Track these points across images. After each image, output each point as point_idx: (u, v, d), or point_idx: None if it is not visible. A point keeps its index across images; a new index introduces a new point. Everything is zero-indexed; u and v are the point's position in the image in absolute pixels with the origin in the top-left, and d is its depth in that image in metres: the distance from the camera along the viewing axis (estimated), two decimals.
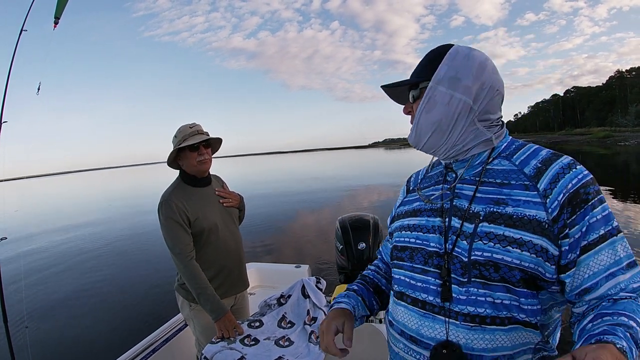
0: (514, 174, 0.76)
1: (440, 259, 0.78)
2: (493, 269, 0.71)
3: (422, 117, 0.81)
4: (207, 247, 1.87)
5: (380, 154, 70.28)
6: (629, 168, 18.54)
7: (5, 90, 2.28)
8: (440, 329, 0.74)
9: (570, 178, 0.71)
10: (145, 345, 1.96)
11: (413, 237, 0.85)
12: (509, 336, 0.70)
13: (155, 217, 1.80)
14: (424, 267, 0.80)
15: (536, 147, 0.80)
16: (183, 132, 1.83)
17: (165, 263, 6.93)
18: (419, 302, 0.79)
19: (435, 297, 0.76)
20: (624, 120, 71.79)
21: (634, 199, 9.68)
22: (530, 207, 0.71)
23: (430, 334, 0.76)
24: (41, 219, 16.30)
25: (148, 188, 30.14)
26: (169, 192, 1.85)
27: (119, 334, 4.19)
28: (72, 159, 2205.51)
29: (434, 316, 0.76)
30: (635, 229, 6.66)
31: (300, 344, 1.65)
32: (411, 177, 1.03)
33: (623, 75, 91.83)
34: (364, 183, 17.93)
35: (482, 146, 0.81)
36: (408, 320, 0.81)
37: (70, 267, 7.45)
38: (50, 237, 11.21)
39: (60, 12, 2.46)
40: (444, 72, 0.79)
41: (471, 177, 0.81)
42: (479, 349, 0.71)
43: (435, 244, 0.80)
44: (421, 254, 0.82)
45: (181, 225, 1.77)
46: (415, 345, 0.78)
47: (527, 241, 0.69)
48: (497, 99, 0.81)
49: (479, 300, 0.71)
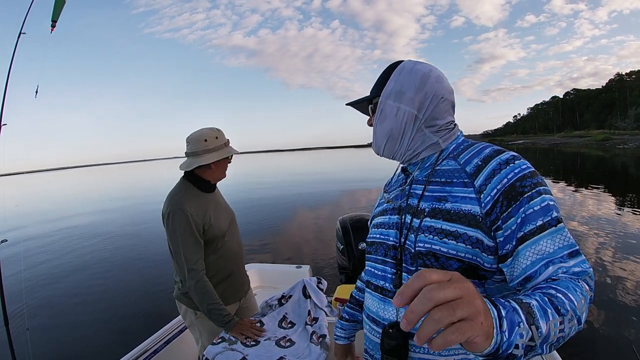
0: (457, 172, 0.83)
1: (395, 251, 0.88)
2: (433, 258, 0.79)
3: (377, 128, 0.94)
4: (215, 254, 1.82)
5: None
6: (627, 171, 18.56)
7: (5, 93, 2.28)
8: (393, 311, 0.86)
9: (507, 173, 0.74)
10: (147, 347, 1.96)
11: (378, 233, 0.96)
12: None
13: (154, 217, 1.79)
14: (384, 258, 0.91)
15: (483, 145, 0.85)
16: (220, 140, 1.79)
17: (167, 263, 6.92)
18: (379, 288, 0.90)
19: (390, 283, 0.87)
20: (623, 123, 71.92)
21: (631, 202, 9.70)
22: (466, 202, 0.77)
23: (385, 316, 0.87)
24: (41, 215, 16.17)
25: (149, 185, 30.07)
26: (181, 198, 1.72)
27: (120, 335, 4.18)
28: (70, 156, 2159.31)
29: (388, 300, 0.87)
30: (633, 233, 6.66)
31: (301, 344, 1.66)
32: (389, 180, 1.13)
33: (623, 78, 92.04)
34: (363, 183, 17.91)
35: (430, 149, 0.90)
36: (371, 304, 0.92)
37: (71, 268, 7.42)
38: (50, 235, 11.17)
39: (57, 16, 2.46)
40: (392, 87, 0.90)
41: (422, 177, 0.89)
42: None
43: (393, 238, 0.90)
44: (382, 247, 0.93)
45: (197, 237, 1.69)
46: (375, 325, 0.90)
47: (462, 233, 0.76)
48: (444, 105, 0.89)
49: None
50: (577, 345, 3.23)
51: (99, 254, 8.28)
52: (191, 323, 1.88)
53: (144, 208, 15.64)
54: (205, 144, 1.75)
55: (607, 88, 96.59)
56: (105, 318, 4.76)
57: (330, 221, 8.64)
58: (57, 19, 2.47)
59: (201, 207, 1.75)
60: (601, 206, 9.11)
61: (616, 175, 16.76)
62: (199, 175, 1.80)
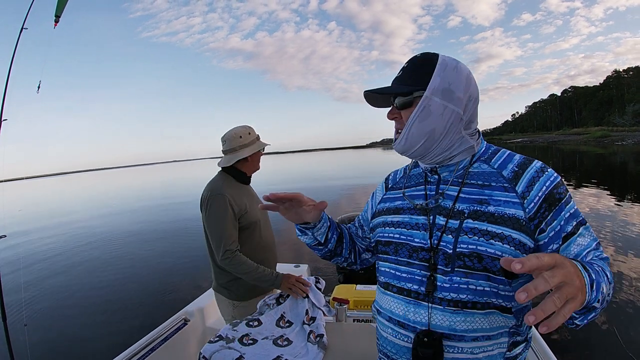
0: (494, 176, 0.86)
1: (425, 253, 0.87)
2: (477, 259, 0.80)
3: (414, 125, 0.86)
4: (250, 242, 1.95)
5: (379, 154, 70.31)
6: (625, 167, 18.61)
7: (6, 88, 2.29)
8: (424, 314, 0.84)
9: (544, 181, 0.81)
10: (144, 344, 1.96)
11: (397, 232, 0.94)
12: (486, 319, 0.81)
13: (154, 217, 1.81)
14: (408, 259, 0.89)
15: (509, 152, 0.90)
16: (252, 135, 1.98)
17: (165, 262, 6.96)
18: (404, 290, 0.88)
19: (420, 286, 0.86)
20: (621, 119, 72.04)
21: (630, 199, 9.72)
22: (509, 206, 0.81)
23: (415, 319, 0.85)
24: (42, 218, 16.30)
25: (147, 189, 30.18)
26: (221, 185, 1.90)
27: (117, 332, 4.19)
28: (68, 161, 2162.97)
29: (418, 303, 0.85)
30: (633, 229, 6.69)
31: (298, 343, 1.66)
32: (389, 175, 1.12)
33: (620, 75, 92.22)
34: (362, 183, 17.95)
35: (466, 153, 0.89)
36: (396, 307, 0.89)
37: (70, 266, 7.44)
38: (50, 236, 11.20)
39: (61, 11, 2.46)
40: (438, 84, 0.84)
41: (454, 179, 0.89)
42: (461, 330, 0.81)
43: (419, 240, 0.88)
44: (405, 249, 0.91)
45: (234, 220, 1.86)
46: (403, 329, 0.87)
47: (507, 235, 0.79)
48: (476, 108, 0.90)
49: (461, 288, 0.81)
50: (573, 344, 3.24)
51: (99, 253, 8.30)
52: (231, 315, 1.99)
53: (143, 209, 15.69)
54: (240, 140, 1.93)
55: (604, 85, 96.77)
56: (102, 315, 4.77)
57: None
58: (60, 14, 2.47)
59: (239, 195, 1.92)
60: (600, 203, 9.15)
61: (615, 171, 16.80)
62: (237, 168, 1.98)
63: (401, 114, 0.90)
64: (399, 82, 0.89)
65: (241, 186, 1.99)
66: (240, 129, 1.97)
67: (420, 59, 0.88)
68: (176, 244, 8.28)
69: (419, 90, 0.85)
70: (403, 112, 0.89)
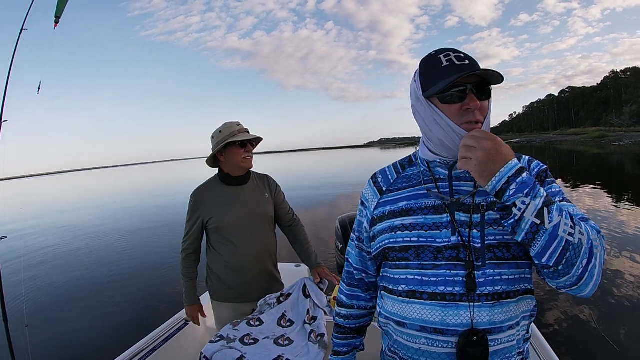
0: None
1: (451, 251, 0.84)
2: (505, 249, 0.82)
3: (485, 121, 0.87)
4: (221, 246, 1.91)
5: (376, 154, 70.27)
6: (622, 167, 18.66)
7: (6, 89, 2.28)
8: (465, 315, 0.80)
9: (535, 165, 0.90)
10: (145, 344, 1.96)
11: (414, 235, 0.88)
12: (518, 305, 0.82)
13: (153, 217, 1.83)
14: (434, 262, 0.85)
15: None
16: (230, 128, 1.87)
17: (165, 261, 6.93)
18: (437, 295, 0.83)
19: (454, 287, 0.82)
20: (618, 120, 72.27)
21: (628, 199, 9.75)
22: None
23: (456, 321, 0.81)
24: (42, 217, 16.22)
25: (147, 187, 30.06)
26: (198, 187, 1.96)
27: (118, 332, 4.19)
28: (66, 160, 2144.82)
29: (457, 304, 0.81)
30: (628, 230, 6.71)
31: (299, 342, 1.66)
32: (377, 179, 1.03)
33: (618, 75, 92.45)
34: (361, 183, 17.92)
35: None
36: (429, 315, 0.83)
37: (71, 267, 7.42)
38: (50, 235, 11.19)
39: (61, 11, 2.45)
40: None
41: (467, 174, 0.87)
42: (499, 322, 0.81)
43: (442, 239, 0.85)
44: (428, 251, 0.85)
45: (195, 222, 1.91)
46: (441, 335, 0.82)
47: None
48: None
49: (496, 280, 0.81)
50: (572, 342, 3.26)
51: (100, 253, 8.28)
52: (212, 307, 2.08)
53: (143, 209, 15.64)
54: (213, 141, 1.90)
55: (602, 85, 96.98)
56: (103, 316, 4.77)
57: (328, 220, 8.65)
58: (60, 14, 2.46)
59: (210, 197, 1.91)
60: (597, 202, 9.17)
61: (612, 171, 16.85)
62: (222, 169, 1.96)
63: (482, 105, 0.85)
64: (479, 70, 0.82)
65: (223, 188, 1.93)
66: (216, 129, 1.91)
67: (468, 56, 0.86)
68: (177, 244, 8.14)
69: (496, 83, 0.86)
70: (482, 103, 0.85)
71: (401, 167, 1.01)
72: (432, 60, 0.87)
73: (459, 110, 0.83)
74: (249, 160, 1.91)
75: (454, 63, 0.83)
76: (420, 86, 0.88)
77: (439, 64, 0.85)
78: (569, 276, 0.74)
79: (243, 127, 1.90)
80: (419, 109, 0.90)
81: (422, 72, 0.89)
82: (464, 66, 0.82)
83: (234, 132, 1.85)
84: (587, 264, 0.73)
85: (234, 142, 1.84)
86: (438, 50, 0.88)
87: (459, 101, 0.83)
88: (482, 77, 0.83)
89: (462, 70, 0.80)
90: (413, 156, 1.02)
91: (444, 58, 0.85)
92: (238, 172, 1.93)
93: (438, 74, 0.84)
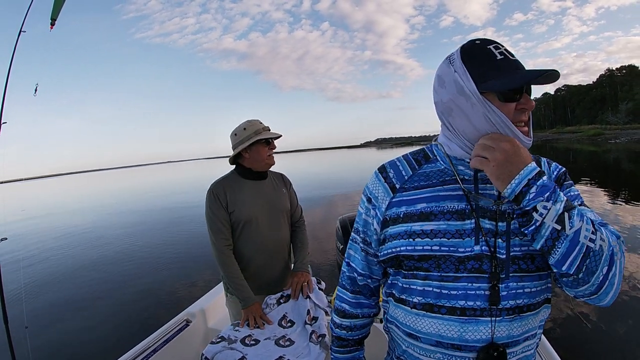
0: None
1: (473, 262, 0.76)
2: (530, 260, 0.76)
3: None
4: (241, 240, 1.91)
5: (373, 154, 70.28)
6: (619, 165, 18.74)
7: (5, 91, 2.29)
8: (485, 330, 0.75)
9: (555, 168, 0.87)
10: (146, 345, 1.96)
11: (436, 244, 0.78)
12: (537, 317, 0.79)
13: (155, 217, 1.83)
14: (455, 274, 0.77)
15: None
16: (255, 126, 1.91)
17: (166, 262, 6.94)
18: (457, 310, 0.77)
19: (475, 301, 0.75)
20: (614, 118, 72.44)
21: (624, 196, 9.80)
22: None
23: (475, 337, 0.76)
24: (42, 219, 16.21)
25: (146, 189, 29.95)
26: (216, 181, 1.94)
27: (120, 334, 4.19)
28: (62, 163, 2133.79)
29: (477, 319, 0.76)
30: (624, 226, 6.74)
31: (300, 343, 1.67)
32: (387, 174, 0.90)
33: (614, 73, 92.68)
34: (359, 183, 17.96)
35: None
36: (445, 330, 0.78)
37: (71, 267, 7.41)
38: (51, 236, 11.18)
39: (57, 14, 2.44)
40: None
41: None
42: (517, 335, 0.77)
43: (465, 249, 0.77)
44: (450, 262, 0.78)
45: (216, 214, 1.86)
46: (459, 351, 0.78)
47: None
48: None
49: (518, 293, 0.76)
50: (575, 343, 3.27)
51: (100, 254, 8.26)
52: (226, 305, 2.04)
53: (144, 209, 15.60)
54: (236, 138, 1.91)
55: (598, 83, 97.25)
56: (104, 317, 4.76)
57: (328, 221, 8.66)
58: (56, 17, 2.46)
59: (231, 190, 1.90)
60: (594, 200, 9.20)
61: (608, 169, 16.92)
62: (241, 164, 1.96)
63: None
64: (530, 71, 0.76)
65: (243, 182, 1.95)
66: (238, 126, 1.95)
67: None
68: (178, 245, 8.25)
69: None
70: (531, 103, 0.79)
71: (417, 163, 0.89)
72: (482, 52, 0.77)
73: (515, 110, 0.76)
74: (273, 158, 1.97)
75: (509, 58, 0.76)
76: (471, 78, 0.76)
77: (493, 57, 0.75)
78: (589, 285, 0.70)
79: (265, 125, 1.96)
80: (461, 102, 0.77)
81: (471, 63, 0.77)
82: (519, 62, 0.76)
83: (259, 130, 1.90)
84: (607, 272, 0.69)
85: (259, 140, 1.88)
86: (483, 40, 0.79)
87: (516, 100, 0.76)
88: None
89: (518, 67, 0.75)
90: (429, 151, 0.90)
91: (495, 50, 0.76)
92: (261, 168, 1.97)
93: (494, 68, 0.75)
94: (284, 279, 2.03)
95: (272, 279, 1.99)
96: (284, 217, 2.03)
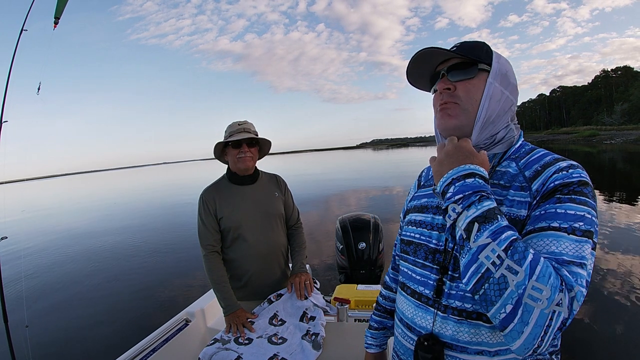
0: (517, 177, 0.77)
1: (439, 256, 0.83)
2: None
3: (485, 108, 0.79)
4: (233, 246, 1.89)
5: (369, 155, 70.32)
6: (614, 166, 18.84)
7: (6, 90, 2.26)
8: (429, 320, 0.81)
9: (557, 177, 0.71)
10: (146, 345, 1.97)
11: (418, 232, 0.89)
12: (492, 333, 0.73)
13: (155, 217, 1.83)
14: (424, 262, 0.86)
15: (544, 152, 0.80)
16: (231, 128, 1.88)
17: (165, 263, 6.94)
18: (416, 293, 0.86)
19: (430, 290, 0.82)
20: (609, 119, 72.73)
21: (619, 197, 9.86)
22: (521, 207, 0.72)
23: (421, 323, 0.82)
24: (42, 219, 16.21)
25: (145, 190, 29.88)
26: (207, 187, 1.94)
27: (119, 333, 4.19)
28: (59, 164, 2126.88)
29: (427, 308, 0.82)
30: (619, 226, 6.77)
31: (293, 341, 1.68)
32: (423, 172, 1.05)
33: (609, 74, 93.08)
34: (358, 183, 17.99)
35: (504, 145, 0.84)
36: (406, 309, 0.88)
37: (71, 267, 7.40)
38: (51, 236, 11.16)
39: (60, 12, 2.45)
40: (497, 68, 0.81)
41: None
42: (464, 342, 0.75)
43: (436, 241, 0.84)
44: (423, 250, 0.86)
45: (209, 222, 1.86)
46: (409, 331, 0.86)
47: None
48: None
49: (466, 296, 0.76)
50: (571, 344, 3.30)
51: (100, 254, 8.24)
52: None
53: (143, 209, 15.60)
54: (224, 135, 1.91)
55: (593, 85, 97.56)
56: (104, 316, 4.76)
57: (327, 221, 8.68)
58: (60, 15, 2.45)
59: (220, 197, 1.89)
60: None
61: (603, 169, 17.01)
62: (230, 168, 1.96)
63: (456, 86, 0.80)
64: (460, 51, 0.81)
65: (231, 187, 1.92)
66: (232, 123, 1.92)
67: (472, 42, 0.83)
68: (178, 245, 8.25)
69: (485, 65, 0.80)
70: (459, 85, 0.80)
71: None
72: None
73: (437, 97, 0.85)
74: (244, 160, 1.86)
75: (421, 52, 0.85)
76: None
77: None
78: (492, 316, 0.62)
79: (245, 127, 1.88)
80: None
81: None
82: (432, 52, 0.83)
83: (232, 132, 1.86)
84: (512, 312, 0.59)
85: (227, 143, 1.87)
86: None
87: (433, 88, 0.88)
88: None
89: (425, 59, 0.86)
90: None
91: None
92: (239, 171, 1.92)
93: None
94: (279, 284, 1.99)
95: (267, 284, 1.96)
96: (277, 221, 1.98)
